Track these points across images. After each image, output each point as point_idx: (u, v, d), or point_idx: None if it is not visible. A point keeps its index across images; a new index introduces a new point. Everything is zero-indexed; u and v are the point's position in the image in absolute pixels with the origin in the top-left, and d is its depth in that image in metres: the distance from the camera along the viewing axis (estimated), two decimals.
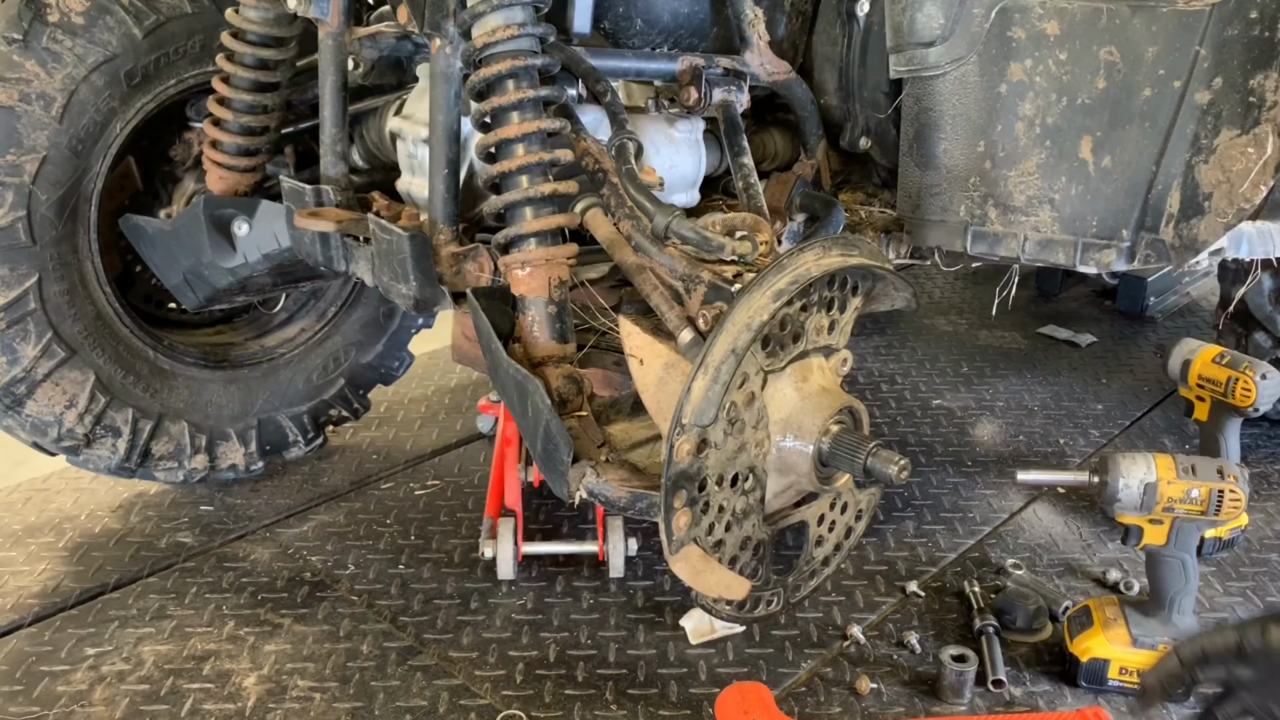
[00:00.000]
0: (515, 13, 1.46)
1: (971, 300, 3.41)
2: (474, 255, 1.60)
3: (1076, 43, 1.78)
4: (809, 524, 1.54)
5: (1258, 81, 1.67)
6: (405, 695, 1.60)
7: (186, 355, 2.10)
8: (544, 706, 1.57)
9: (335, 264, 1.77)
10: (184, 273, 1.98)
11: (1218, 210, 1.74)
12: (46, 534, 2.05)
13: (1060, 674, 1.64)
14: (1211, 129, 1.73)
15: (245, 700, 1.59)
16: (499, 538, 1.86)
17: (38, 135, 1.77)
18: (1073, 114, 1.81)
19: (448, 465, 2.32)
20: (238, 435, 2.17)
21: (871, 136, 2.05)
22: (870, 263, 1.38)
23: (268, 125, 1.92)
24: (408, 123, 1.76)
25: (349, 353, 2.33)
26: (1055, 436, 2.49)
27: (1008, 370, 2.87)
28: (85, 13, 1.79)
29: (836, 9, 2.00)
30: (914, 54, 1.83)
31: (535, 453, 1.43)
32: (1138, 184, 1.80)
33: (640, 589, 1.86)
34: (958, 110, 1.85)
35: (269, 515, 2.11)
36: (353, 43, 1.72)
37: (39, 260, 1.83)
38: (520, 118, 1.48)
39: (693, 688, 1.61)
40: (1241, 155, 1.70)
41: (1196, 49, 1.71)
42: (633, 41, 1.85)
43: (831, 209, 1.90)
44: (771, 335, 1.33)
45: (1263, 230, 1.89)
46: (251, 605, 1.82)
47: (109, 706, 1.58)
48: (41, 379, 1.87)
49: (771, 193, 2.03)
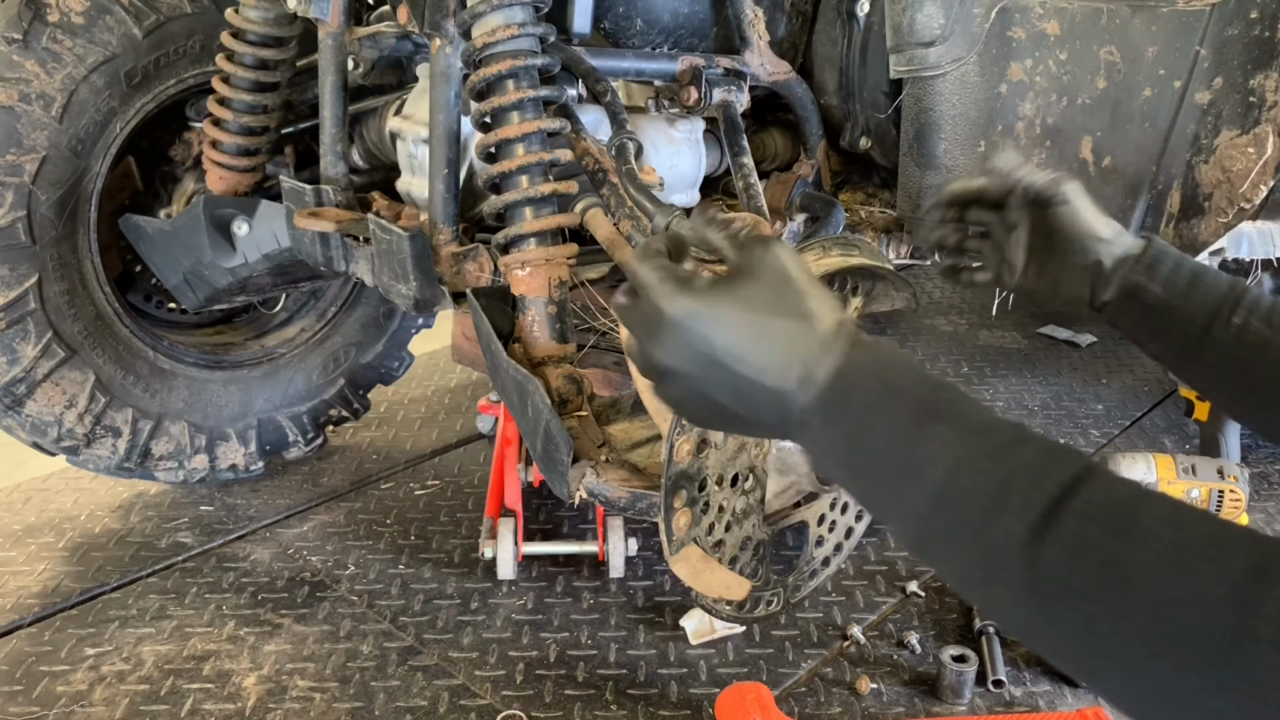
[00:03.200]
0: (515, 13, 1.46)
1: (971, 300, 3.41)
2: (474, 255, 1.60)
3: (1077, 43, 1.78)
4: (809, 524, 1.54)
5: (1258, 81, 1.67)
6: (405, 695, 1.59)
7: (186, 355, 2.10)
8: (544, 706, 1.57)
9: (335, 264, 1.77)
10: (184, 273, 1.98)
11: (1218, 210, 1.74)
12: (46, 534, 2.05)
13: (1060, 674, 1.64)
14: (1211, 129, 1.73)
15: (245, 700, 1.59)
16: (499, 538, 1.86)
17: (37, 135, 1.77)
18: (1073, 114, 1.81)
19: (448, 465, 2.32)
20: (238, 435, 2.17)
21: (871, 136, 2.04)
22: (870, 263, 1.38)
23: (268, 125, 1.92)
24: (408, 123, 1.76)
25: (349, 353, 2.33)
26: (1055, 436, 2.48)
27: (1008, 370, 2.87)
28: (85, 13, 1.79)
29: (836, 9, 1.99)
30: (914, 54, 1.83)
31: (535, 453, 1.43)
32: (1138, 184, 1.80)
33: (640, 589, 1.86)
34: (958, 110, 1.85)
35: (269, 515, 2.11)
36: (353, 43, 1.72)
37: (39, 260, 1.83)
38: (520, 118, 1.48)
39: (693, 688, 1.61)
40: (1241, 155, 1.70)
41: (1197, 49, 1.71)
42: (633, 41, 1.85)
43: (831, 209, 1.90)
44: None
45: (1263, 230, 1.89)
46: (251, 605, 1.82)
47: (109, 706, 1.58)
48: (41, 379, 1.87)
49: (771, 193, 2.03)
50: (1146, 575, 0.57)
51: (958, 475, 0.67)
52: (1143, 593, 0.57)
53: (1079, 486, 0.62)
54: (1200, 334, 1.00)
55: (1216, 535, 0.58)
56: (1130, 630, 0.57)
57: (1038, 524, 0.61)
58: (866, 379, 0.72)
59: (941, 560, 0.69)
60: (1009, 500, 0.63)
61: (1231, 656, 0.53)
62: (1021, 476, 0.64)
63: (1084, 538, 0.60)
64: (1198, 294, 1.01)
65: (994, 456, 0.66)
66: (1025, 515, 0.62)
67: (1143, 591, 0.57)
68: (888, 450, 0.70)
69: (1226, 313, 0.98)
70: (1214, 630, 0.54)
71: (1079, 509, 0.61)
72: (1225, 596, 0.54)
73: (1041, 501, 0.62)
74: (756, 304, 0.75)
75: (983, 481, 0.65)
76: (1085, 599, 0.59)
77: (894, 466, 0.70)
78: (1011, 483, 0.64)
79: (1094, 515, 0.60)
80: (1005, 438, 0.68)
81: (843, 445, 0.73)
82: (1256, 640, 0.53)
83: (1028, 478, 0.64)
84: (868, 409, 0.72)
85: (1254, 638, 0.53)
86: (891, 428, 0.70)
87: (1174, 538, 0.58)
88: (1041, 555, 0.60)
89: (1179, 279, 1.02)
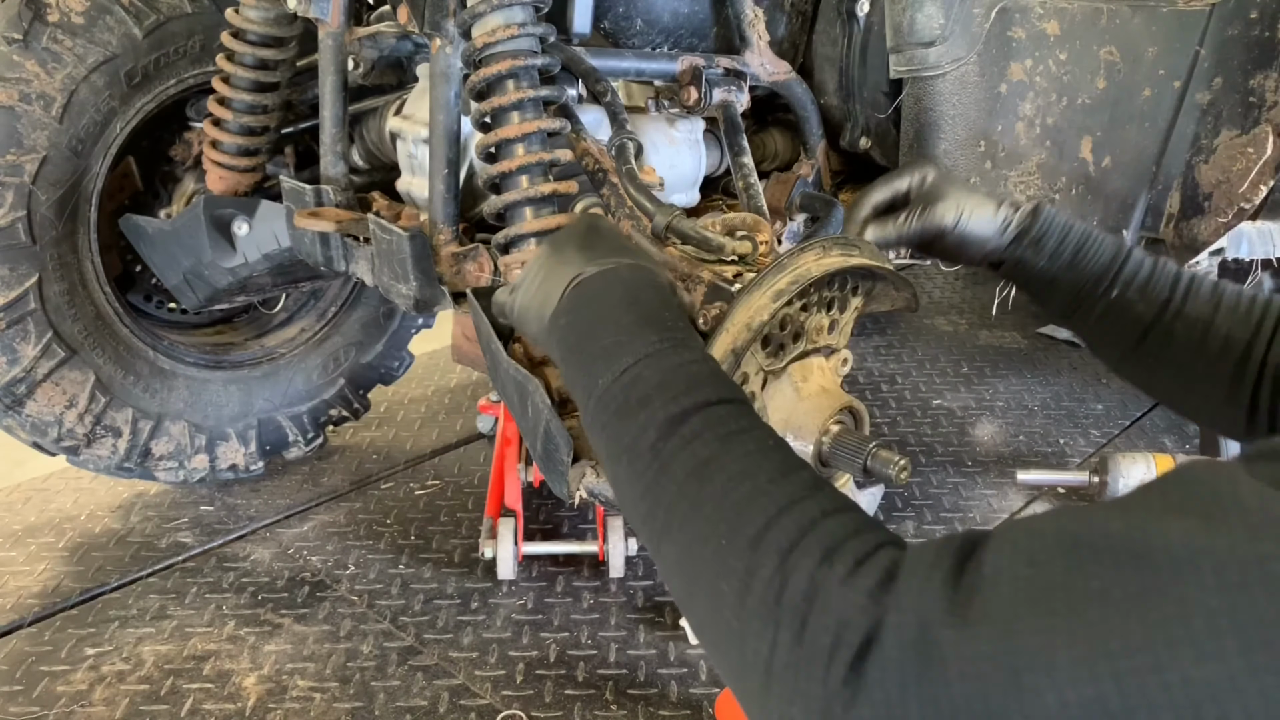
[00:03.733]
0: (515, 13, 1.46)
1: (971, 300, 3.41)
2: (474, 255, 1.60)
3: (1077, 43, 1.78)
4: None
5: (1258, 81, 1.67)
6: (405, 695, 1.60)
7: (187, 355, 2.10)
8: (544, 706, 1.57)
9: (335, 264, 1.77)
10: (184, 273, 1.98)
11: (1218, 210, 1.74)
12: (46, 534, 2.05)
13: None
14: (1211, 129, 1.73)
15: (245, 700, 1.59)
16: (499, 538, 1.86)
17: (38, 135, 1.77)
18: (1073, 114, 1.80)
19: (448, 465, 2.32)
20: (238, 435, 2.17)
21: (871, 136, 2.04)
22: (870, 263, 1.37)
23: (268, 125, 1.92)
24: (408, 123, 1.76)
25: (349, 353, 2.33)
26: (1055, 436, 2.49)
27: (1008, 370, 2.87)
28: (85, 13, 1.79)
29: (836, 9, 1.99)
30: (914, 54, 1.83)
31: (535, 453, 1.43)
32: (1138, 184, 1.80)
33: (640, 589, 1.86)
34: (958, 110, 1.85)
35: (269, 515, 2.11)
36: (353, 43, 1.72)
37: (39, 260, 1.83)
38: (520, 118, 1.48)
39: (693, 688, 1.61)
40: (1241, 155, 1.70)
41: (1196, 49, 1.71)
42: (633, 41, 1.84)
43: (831, 209, 1.90)
44: (771, 335, 1.33)
45: (1263, 230, 1.89)
46: (251, 605, 1.82)
47: (109, 706, 1.58)
48: (41, 379, 1.87)
49: (771, 193, 2.03)
50: (723, 483, 0.69)
51: (640, 367, 0.81)
52: (713, 494, 0.69)
53: (721, 404, 0.76)
54: (1079, 301, 1.12)
55: (783, 465, 0.70)
56: (694, 516, 0.69)
57: (676, 415, 0.75)
58: (601, 286, 0.91)
59: (600, 432, 0.81)
60: (666, 395, 0.77)
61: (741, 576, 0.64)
62: (683, 381, 0.79)
63: (698, 438, 0.73)
64: (1079, 268, 1.13)
65: (674, 368, 0.80)
66: (670, 409, 0.76)
67: (714, 493, 0.69)
68: (599, 340, 0.85)
69: (1107, 285, 1.10)
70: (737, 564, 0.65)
71: (708, 415, 0.75)
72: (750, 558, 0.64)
73: (685, 404, 0.76)
74: (557, 250, 0.98)
75: (654, 376, 0.80)
76: (677, 481, 0.72)
77: (599, 350, 0.84)
78: (672, 383, 0.78)
79: (714, 423, 0.74)
80: (693, 356, 0.83)
81: (571, 333, 0.90)
82: (750, 590, 0.63)
83: (687, 384, 0.78)
84: (598, 301, 0.90)
85: (749, 586, 0.63)
86: (610, 326, 0.86)
87: (754, 466, 0.70)
88: (665, 440, 0.74)
89: (1063, 251, 1.14)
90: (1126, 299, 1.10)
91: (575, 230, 1.01)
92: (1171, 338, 1.06)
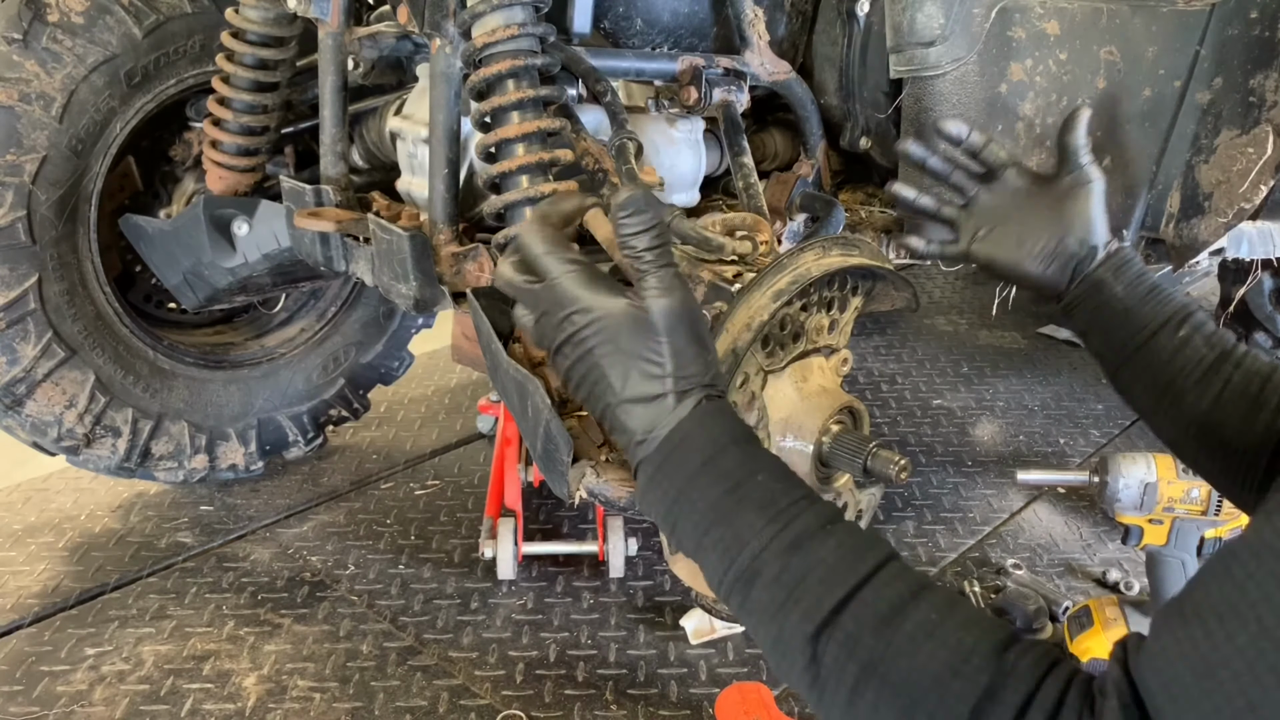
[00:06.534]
0: (515, 13, 1.46)
1: (971, 300, 3.41)
2: (474, 255, 1.60)
3: (1077, 42, 1.78)
4: None
5: (1258, 81, 1.67)
6: (405, 695, 1.60)
7: (186, 355, 2.10)
8: (544, 706, 1.57)
9: (335, 264, 1.77)
10: (184, 273, 1.98)
11: (1218, 210, 1.73)
12: (46, 534, 2.05)
13: None
14: (1211, 129, 1.72)
15: (245, 700, 1.59)
16: (499, 538, 1.86)
17: (37, 135, 1.77)
18: None
19: (448, 465, 2.32)
20: (238, 435, 2.17)
21: (871, 136, 2.04)
22: (870, 263, 1.37)
23: (268, 125, 1.92)
24: (408, 123, 1.76)
25: (349, 353, 2.33)
26: (1055, 436, 2.49)
27: (1008, 370, 2.87)
28: (85, 12, 1.79)
29: (836, 9, 1.99)
30: (914, 54, 1.82)
31: (535, 453, 1.43)
32: (1138, 184, 1.80)
33: (640, 589, 1.86)
34: (958, 110, 1.85)
35: (269, 515, 2.11)
36: (353, 43, 1.72)
37: (39, 260, 1.83)
38: (520, 118, 1.48)
39: (693, 688, 1.61)
40: (1241, 155, 1.70)
41: (1196, 49, 1.71)
42: (633, 41, 1.84)
43: (831, 209, 1.90)
44: (771, 335, 1.33)
45: (1263, 230, 1.89)
46: (251, 605, 1.82)
47: (109, 706, 1.58)
48: (41, 379, 1.87)
49: (771, 193, 2.03)
50: (895, 682, 0.66)
51: (759, 562, 0.74)
52: (890, 698, 0.66)
53: (862, 589, 0.70)
54: (1147, 338, 1.11)
55: (958, 650, 0.66)
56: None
57: (820, 624, 0.70)
58: (691, 452, 0.79)
59: (744, 620, 0.76)
60: (801, 598, 0.71)
61: None
62: (814, 576, 0.72)
63: (854, 640, 0.68)
64: (1153, 302, 1.12)
65: (795, 547, 0.73)
66: (813, 615, 0.70)
67: (891, 696, 0.66)
68: (698, 526, 0.78)
69: (1175, 325, 1.10)
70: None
71: (855, 611, 0.69)
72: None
73: (827, 603, 0.70)
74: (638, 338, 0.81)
75: (780, 574, 0.73)
76: (851, 692, 0.68)
77: (705, 539, 0.77)
78: (805, 582, 0.72)
79: (866, 619, 0.69)
80: (808, 528, 0.74)
81: (664, 505, 0.80)
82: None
83: (820, 578, 0.71)
84: (689, 480, 0.78)
85: None
86: (704, 504, 0.77)
87: (923, 649, 0.66)
88: (820, 650, 0.69)
89: (1140, 285, 1.14)
90: (1194, 343, 1.09)
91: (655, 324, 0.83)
92: (1228, 385, 1.05)
